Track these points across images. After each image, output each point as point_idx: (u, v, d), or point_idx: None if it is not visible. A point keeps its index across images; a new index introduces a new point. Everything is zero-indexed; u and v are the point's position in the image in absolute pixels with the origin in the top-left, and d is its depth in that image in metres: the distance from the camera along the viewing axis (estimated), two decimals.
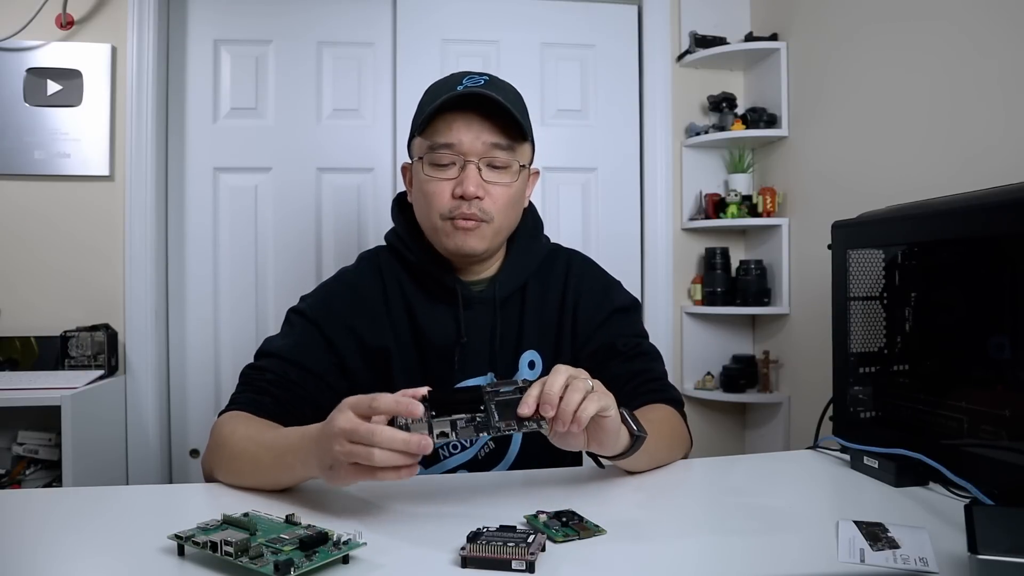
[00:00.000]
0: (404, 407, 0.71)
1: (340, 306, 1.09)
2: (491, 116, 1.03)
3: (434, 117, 1.02)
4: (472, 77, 1.05)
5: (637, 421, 0.85)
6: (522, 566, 0.63)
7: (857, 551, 0.68)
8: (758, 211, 2.28)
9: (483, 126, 1.02)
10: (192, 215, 2.22)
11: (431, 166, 1.04)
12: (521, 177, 1.08)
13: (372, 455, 0.70)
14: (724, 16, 2.43)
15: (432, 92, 1.08)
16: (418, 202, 1.09)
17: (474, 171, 1.02)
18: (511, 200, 1.07)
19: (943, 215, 0.99)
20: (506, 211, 1.06)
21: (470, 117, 1.02)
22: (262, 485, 0.88)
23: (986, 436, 0.90)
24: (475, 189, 1.02)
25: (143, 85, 2.10)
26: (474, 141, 1.02)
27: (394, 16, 2.31)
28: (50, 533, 0.74)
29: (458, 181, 1.02)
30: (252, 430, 0.94)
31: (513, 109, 1.02)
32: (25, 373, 1.95)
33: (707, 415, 2.46)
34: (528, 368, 1.12)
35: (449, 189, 1.03)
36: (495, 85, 1.04)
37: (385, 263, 1.13)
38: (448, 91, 1.02)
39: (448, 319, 1.09)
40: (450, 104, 1.01)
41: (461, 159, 1.03)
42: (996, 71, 1.47)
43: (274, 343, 1.07)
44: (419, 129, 1.05)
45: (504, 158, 1.04)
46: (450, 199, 1.03)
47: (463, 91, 1.01)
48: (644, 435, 0.84)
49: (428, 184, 1.04)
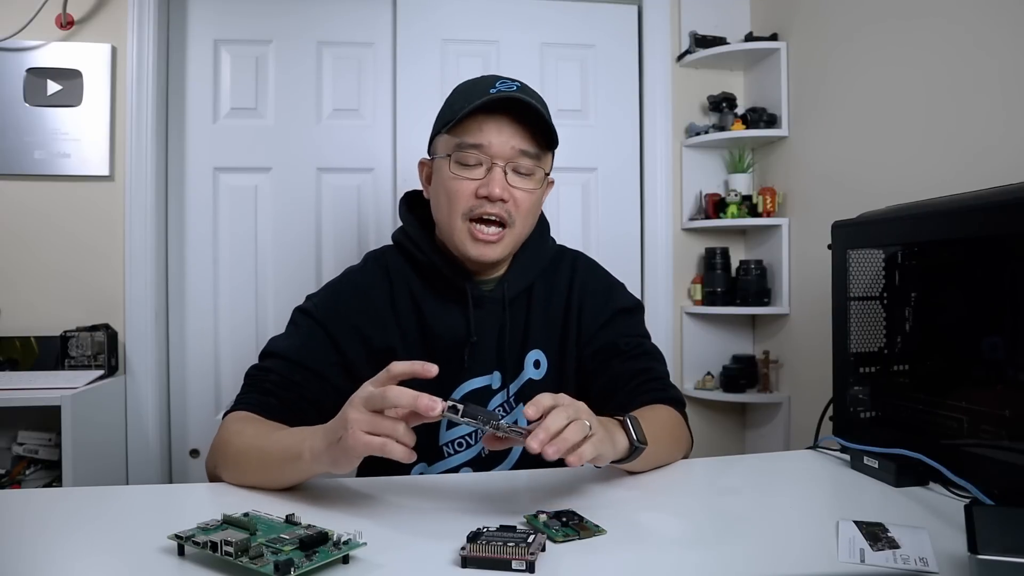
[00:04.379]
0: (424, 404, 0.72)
1: (346, 306, 1.09)
2: (522, 122, 1.03)
3: (465, 117, 1.02)
4: (504, 82, 1.04)
5: (639, 430, 0.85)
6: (522, 566, 0.63)
7: (857, 551, 0.68)
8: (758, 211, 2.28)
9: (514, 130, 1.03)
10: (192, 215, 2.22)
11: (457, 164, 1.04)
12: (543, 186, 1.09)
13: (386, 397, 0.73)
14: (724, 16, 2.43)
15: (464, 92, 1.07)
16: (439, 200, 1.08)
17: (500, 174, 1.02)
18: (532, 207, 1.08)
19: (943, 215, 0.99)
20: (526, 218, 1.07)
21: (501, 120, 1.02)
22: (268, 483, 0.88)
23: (986, 436, 0.90)
24: (500, 191, 1.02)
25: (143, 85, 2.10)
26: (503, 144, 1.02)
27: (394, 16, 2.31)
28: (50, 533, 0.74)
29: (483, 182, 1.03)
30: (259, 429, 0.94)
31: (546, 114, 1.03)
32: (25, 373, 1.95)
33: (707, 415, 2.46)
34: (533, 367, 1.12)
35: (473, 189, 1.03)
36: (527, 93, 1.05)
37: (392, 263, 1.13)
38: (481, 92, 1.02)
39: (458, 318, 1.09)
40: (484, 106, 1.01)
41: (488, 161, 1.03)
42: (996, 71, 1.47)
43: (279, 343, 1.07)
44: (449, 127, 1.04)
45: (530, 165, 1.05)
46: (473, 198, 1.03)
47: (499, 95, 1.01)
48: (644, 446, 0.84)
49: (452, 182, 1.04)
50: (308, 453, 0.81)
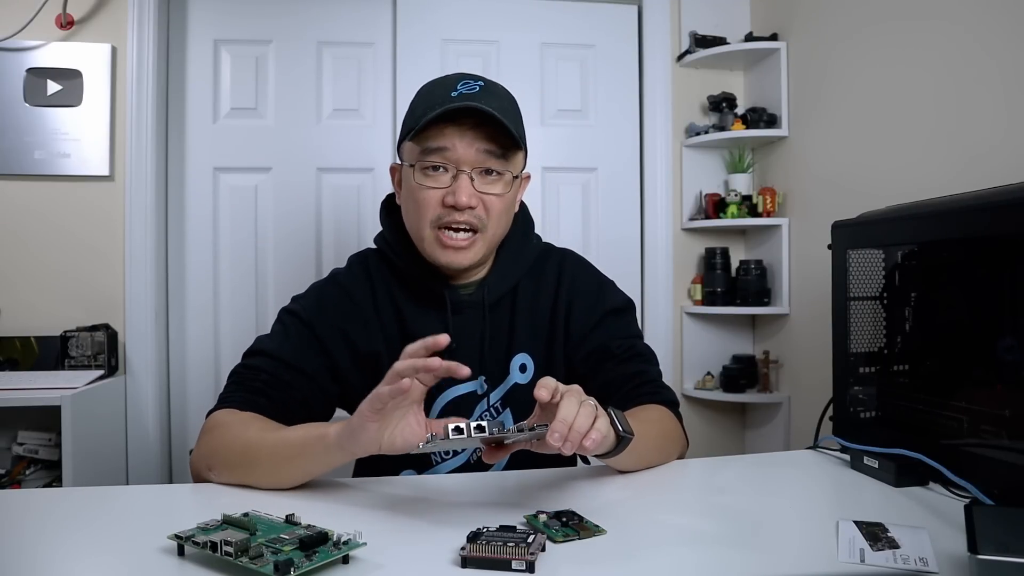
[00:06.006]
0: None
1: (333, 309, 1.08)
2: (485, 125, 1.00)
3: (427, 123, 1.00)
4: (467, 82, 1.02)
5: (625, 421, 0.84)
6: (522, 566, 0.63)
7: (857, 551, 0.68)
8: (758, 211, 2.28)
9: (476, 134, 1.00)
10: (192, 215, 2.22)
11: (422, 172, 1.01)
12: (514, 186, 1.06)
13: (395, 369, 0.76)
14: (724, 16, 2.43)
15: (425, 95, 1.04)
16: (408, 208, 1.06)
17: (467, 181, 1.00)
18: (504, 209, 1.05)
19: (943, 215, 0.99)
20: (499, 220, 1.05)
21: (463, 124, 0.99)
22: (275, 481, 0.87)
23: (986, 436, 0.90)
24: (467, 199, 0.99)
25: (143, 85, 2.10)
26: (467, 148, 1.00)
27: (394, 16, 2.31)
28: (50, 533, 0.74)
29: (450, 190, 1.00)
30: (265, 423, 0.93)
31: (507, 121, 0.99)
32: (25, 373, 1.95)
33: (707, 415, 2.46)
34: (520, 371, 1.10)
35: (439, 197, 1.01)
36: (490, 92, 1.02)
37: (374, 267, 1.12)
38: (442, 96, 1.00)
39: (437, 324, 1.07)
40: (445, 113, 0.98)
41: (453, 168, 1.00)
42: (997, 71, 1.47)
43: (266, 343, 1.05)
44: (412, 134, 1.01)
45: (498, 166, 1.02)
46: (441, 207, 1.01)
47: (458, 104, 0.98)
48: (631, 436, 0.83)
49: (419, 192, 1.02)
50: (335, 447, 0.81)
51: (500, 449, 0.77)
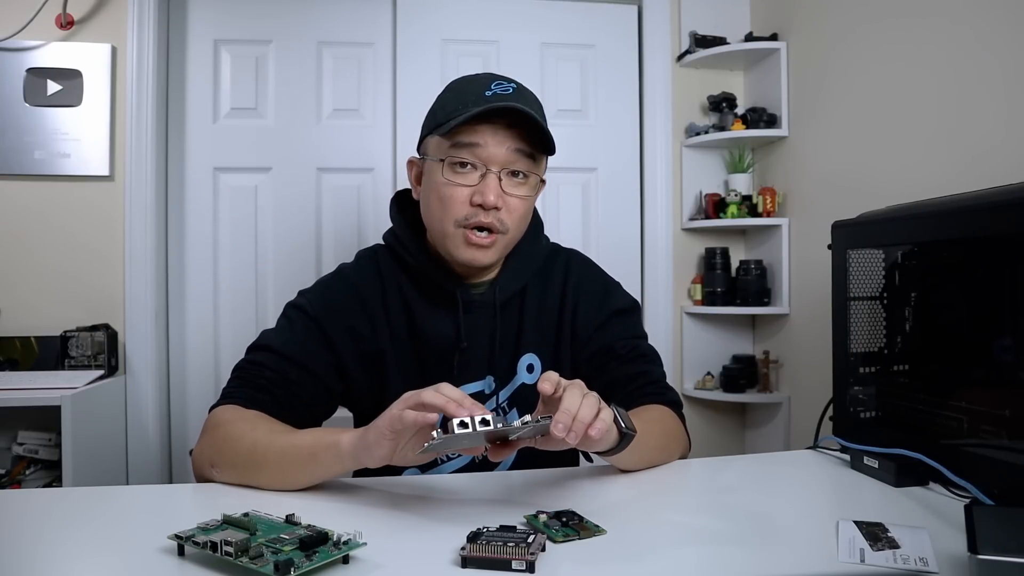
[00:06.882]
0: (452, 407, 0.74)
1: (340, 305, 1.07)
2: (517, 126, 1.00)
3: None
4: (500, 83, 1.01)
5: (628, 418, 0.84)
6: (522, 566, 0.63)
7: (857, 551, 0.68)
8: (758, 211, 2.28)
9: (508, 133, 0.99)
10: (192, 215, 2.22)
11: (450, 168, 1.00)
12: (536, 190, 1.06)
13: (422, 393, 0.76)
14: (724, 16, 2.43)
15: (458, 92, 1.03)
16: (430, 204, 1.04)
17: (495, 180, 0.99)
18: (525, 213, 1.05)
19: (944, 215, 0.99)
20: (520, 223, 1.05)
21: (497, 124, 0.99)
22: (281, 484, 0.87)
23: (986, 436, 0.90)
24: (495, 199, 0.99)
25: (143, 85, 2.10)
26: (499, 146, 0.99)
27: (394, 16, 2.31)
28: (50, 533, 0.74)
29: (478, 189, 0.99)
30: (272, 424, 0.93)
31: (543, 123, 0.99)
32: (25, 373, 1.95)
33: (707, 415, 2.46)
34: (527, 372, 1.10)
35: (467, 196, 1.00)
36: (523, 96, 1.01)
37: (384, 263, 1.11)
38: (476, 95, 0.99)
39: (448, 323, 1.07)
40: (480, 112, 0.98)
41: (483, 166, 1.00)
42: (997, 70, 1.47)
43: (272, 338, 1.04)
44: (443, 130, 1.00)
45: (526, 168, 1.02)
46: (468, 206, 1.00)
47: (498, 104, 0.97)
48: (633, 432, 0.83)
49: (446, 188, 1.01)
50: (348, 455, 0.81)
51: (506, 446, 0.77)
